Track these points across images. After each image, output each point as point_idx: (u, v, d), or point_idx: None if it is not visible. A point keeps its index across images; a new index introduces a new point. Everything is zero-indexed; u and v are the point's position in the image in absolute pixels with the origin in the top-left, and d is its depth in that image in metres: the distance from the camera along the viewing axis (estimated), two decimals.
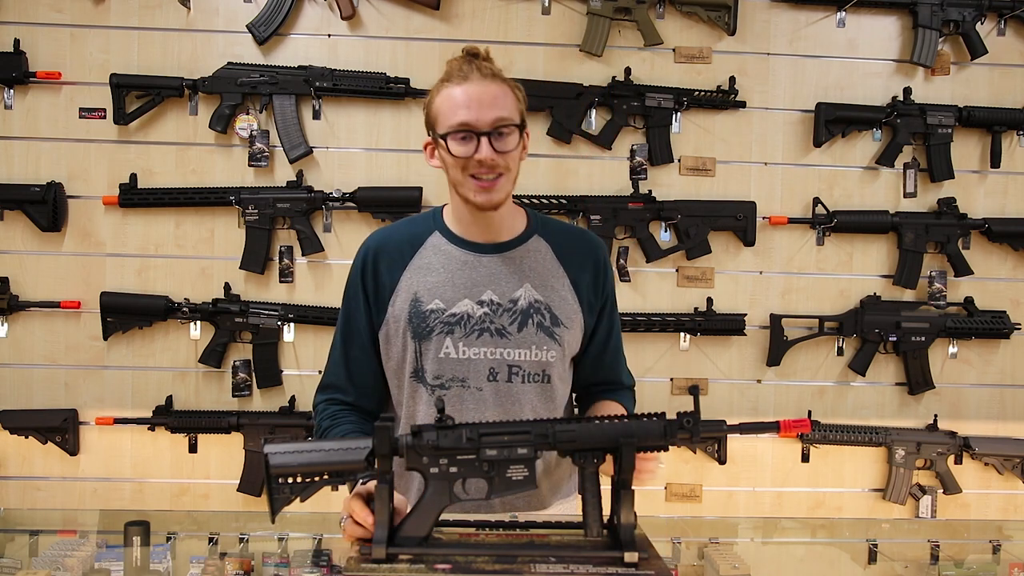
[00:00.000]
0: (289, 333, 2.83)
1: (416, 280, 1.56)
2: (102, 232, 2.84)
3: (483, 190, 1.47)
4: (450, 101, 1.46)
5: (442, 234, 1.59)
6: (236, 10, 2.83)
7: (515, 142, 1.48)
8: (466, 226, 1.57)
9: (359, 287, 1.59)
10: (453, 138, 1.45)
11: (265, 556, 1.70)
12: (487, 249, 1.57)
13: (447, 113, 1.46)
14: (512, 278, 1.56)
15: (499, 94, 1.46)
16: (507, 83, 1.49)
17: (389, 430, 1.18)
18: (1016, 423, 3.01)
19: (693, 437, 1.21)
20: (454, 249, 1.57)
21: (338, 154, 2.88)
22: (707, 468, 2.96)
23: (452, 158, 1.47)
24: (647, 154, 2.91)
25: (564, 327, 1.56)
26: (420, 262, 1.57)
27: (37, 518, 2.36)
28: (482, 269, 1.56)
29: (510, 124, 1.46)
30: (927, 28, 2.89)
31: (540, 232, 1.61)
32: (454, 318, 1.53)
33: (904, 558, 1.88)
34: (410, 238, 1.59)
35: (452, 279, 1.55)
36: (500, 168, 1.47)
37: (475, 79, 1.45)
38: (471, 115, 1.44)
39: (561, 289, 1.58)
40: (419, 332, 1.53)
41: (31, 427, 2.79)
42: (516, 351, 1.53)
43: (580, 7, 2.88)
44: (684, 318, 2.88)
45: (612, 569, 1.17)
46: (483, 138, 1.44)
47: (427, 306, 1.54)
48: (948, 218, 2.93)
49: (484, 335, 1.53)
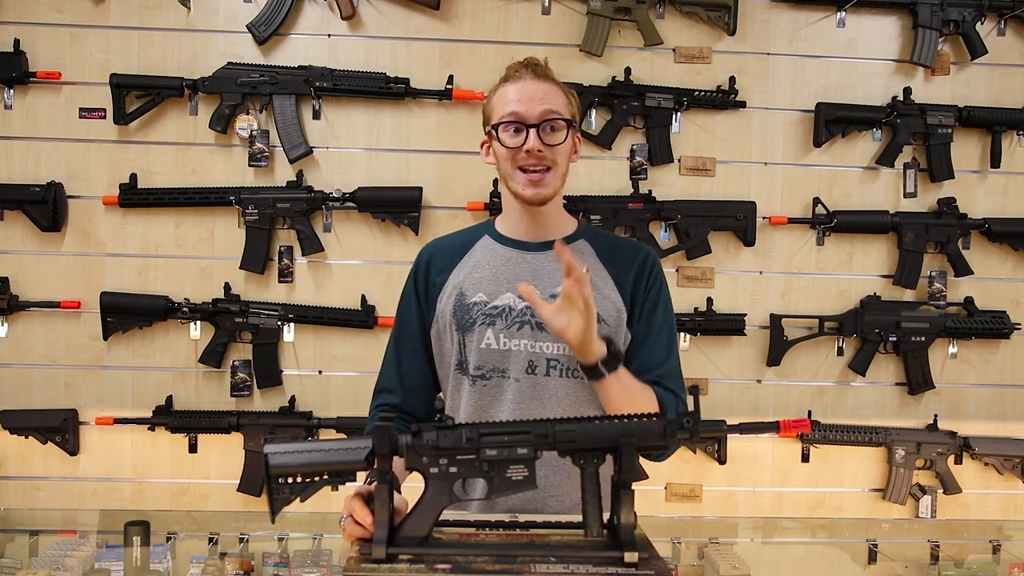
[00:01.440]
0: (289, 333, 2.83)
1: (463, 276, 1.60)
2: (102, 232, 2.84)
3: (531, 183, 1.53)
4: (503, 97, 1.54)
5: (491, 236, 1.65)
6: (236, 10, 2.83)
7: (564, 137, 1.53)
8: (514, 224, 1.62)
9: (412, 290, 1.65)
10: (504, 129, 1.52)
11: (265, 556, 1.71)
12: (533, 247, 1.61)
13: (499, 107, 1.54)
14: (555, 274, 1.55)
15: (549, 91, 1.54)
16: (560, 85, 1.57)
17: (389, 430, 1.18)
18: (1016, 423, 3.01)
19: (693, 437, 1.21)
20: (500, 247, 1.62)
21: (338, 154, 2.88)
22: (707, 468, 2.96)
23: (503, 149, 1.53)
24: (647, 154, 2.91)
25: (605, 324, 1.55)
26: (468, 261, 1.62)
27: (37, 518, 2.37)
28: (525, 265, 1.59)
29: (559, 118, 1.52)
30: (927, 28, 2.89)
31: (587, 238, 1.65)
32: (496, 310, 1.56)
33: (904, 558, 1.89)
34: (463, 242, 1.66)
35: (496, 274, 1.59)
36: (547, 161, 1.52)
37: (528, 78, 1.54)
38: (521, 107, 1.51)
39: (604, 288, 1.58)
40: (463, 324, 1.57)
41: (31, 427, 2.79)
42: (555, 345, 1.54)
43: (580, 7, 2.88)
44: (684, 318, 2.88)
45: (612, 569, 1.17)
46: (532, 129, 1.50)
47: (471, 299, 1.58)
48: (948, 218, 2.93)
49: (524, 327, 1.55)
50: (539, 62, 1.57)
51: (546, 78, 1.55)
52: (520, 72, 1.55)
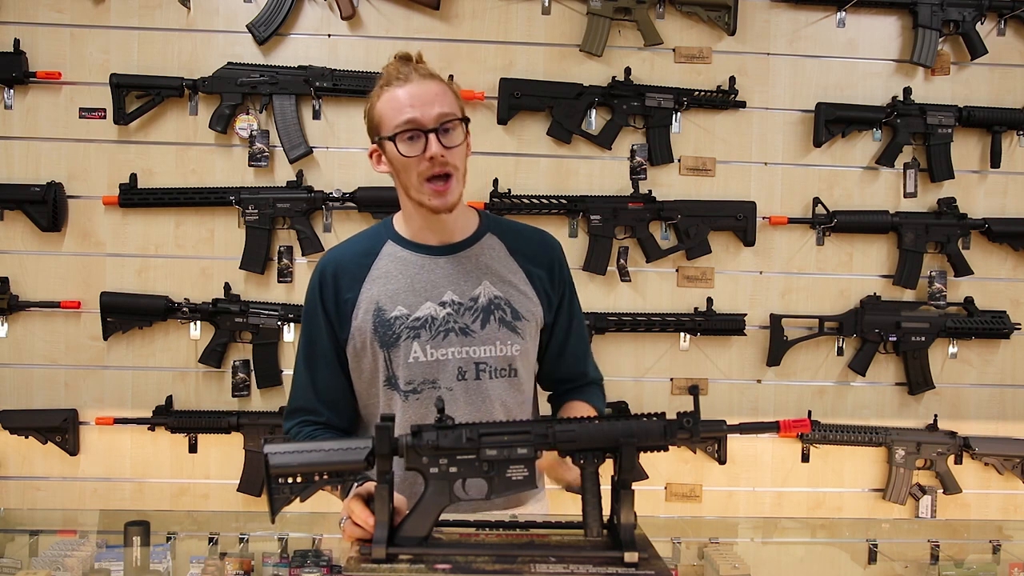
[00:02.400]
0: (289, 333, 2.83)
1: (376, 290, 1.56)
2: (102, 232, 2.84)
3: (438, 194, 1.48)
4: (394, 102, 1.47)
5: (395, 242, 1.59)
6: (236, 10, 2.83)
7: (461, 138, 1.49)
8: (417, 230, 1.58)
9: (318, 307, 1.58)
10: (401, 138, 1.46)
11: (265, 556, 1.71)
12: (442, 251, 1.58)
13: (392, 115, 1.47)
14: (470, 277, 1.56)
15: (439, 91, 1.48)
16: (444, 81, 1.52)
17: (389, 430, 1.18)
18: (1016, 423, 3.01)
19: (693, 437, 1.21)
20: (409, 254, 1.57)
21: (338, 154, 2.88)
22: (707, 468, 2.96)
23: (403, 159, 1.47)
24: (647, 154, 2.91)
25: (525, 320, 1.58)
26: (377, 272, 1.57)
27: (37, 518, 2.36)
28: (439, 271, 1.56)
29: (454, 118, 1.47)
30: (927, 28, 2.89)
31: (492, 230, 1.63)
32: (419, 322, 1.54)
33: (904, 558, 1.89)
34: (364, 251, 1.60)
35: (412, 284, 1.55)
36: (449, 166, 1.47)
37: (415, 79, 1.47)
38: (416, 113, 1.45)
39: (519, 283, 1.59)
40: (386, 340, 1.54)
41: (31, 427, 2.79)
42: (482, 348, 1.54)
43: (580, 7, 2.88)
44: (684, 318, 2.88)
45: (612, 569, 1.17)
46: (431, 135, 1.45)
47: (391, 313, 1.54)
48: (948, 218, 2.93)
49: (450, 335, 1.54)
50: (414, 57, 1.51)
51: (431, 76, 1.49)
52: (404, 72, 1.48)
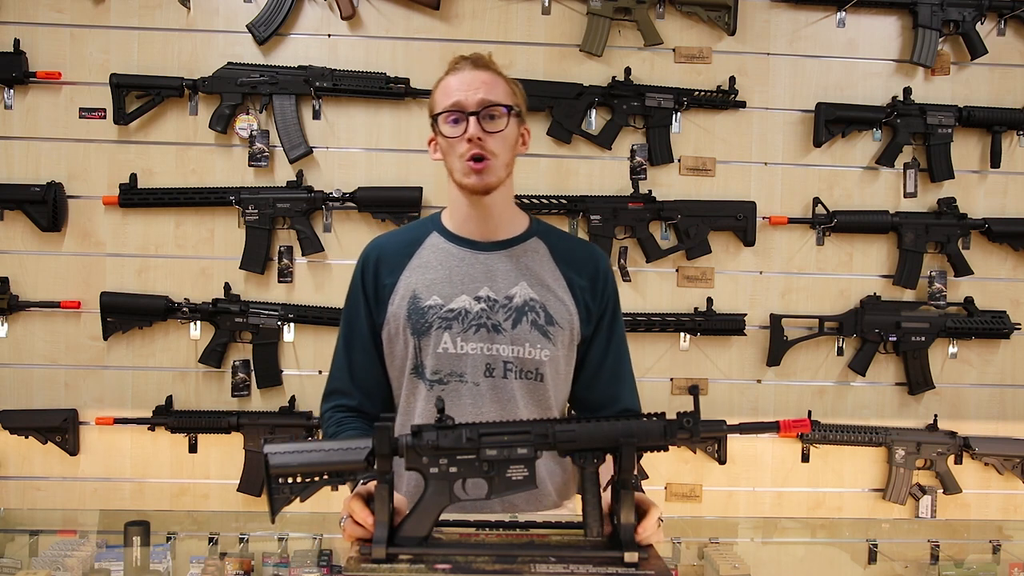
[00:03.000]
0: (289, 333, 2.83)
1: (415, 278, 1.58)
2: (102, 232, 2.84)
3: (473, 171, 1.50)
4: (445, 88, 1.54)
5: (440, 233, 1.62)
6: (236, 10, 2.83)
7: (504, 125, 1.51)
8: (462, 221, 1.60)
9: (359, 291, 1.62)
10: (445, 119, 1.51)
11: (265, 556, 1.71)
12: (485, 247, 1.59)
13: (441, 98, 1.54)
14: (508, 275, 1.57)
15: (489, 80, 1.53)
16: (502, 75, 1.56)
17: (389, 430, 1.18)
18: (1016, 423, 3.01)
19: (693, 437, 1.21)
20: (452, 247, 1.60)
21: (338, 154, 2.88)
22: (707, 468, 2.96)
23: (446, 140, 1.52)
24: (647, 154, 2.91)
25: (558, 326, 1.57)
26: (419, 261, 1.60)
27: (37, 518, 2.36)
28: (479, 266, 1.58)
29: (497, 105, 1.50)
30: (927, 28, 2.89)
31: (540, 235, 1.64)
32: (452, 313, 1.55)
33: (904, 558, 1.89)
34: (409, 240, 1.63)
35: (449, 275, 1.57)
36: (488, 151, 1.50)
37: (467, 68, 1.54)
38: (460, 95, 1.50)
39: (557, 289, 1.59)
40: (418, 328, 1.55)
41: (31, 427, 2.79)
42: (510, 347, 1.55)
43: (580, 7, 2.88)
44: (684, 318, 2.88)
45: (612, 569, 1.17)
46: (471, 117, 1.49)
47: (425, 302, 1.56)
48: (948, 218, 2.93)
49: (480, 330, 1.54)
50: (481, 55, 1.57)
51: (486, 68, 1.54)
52: (461, 64, 1.55)
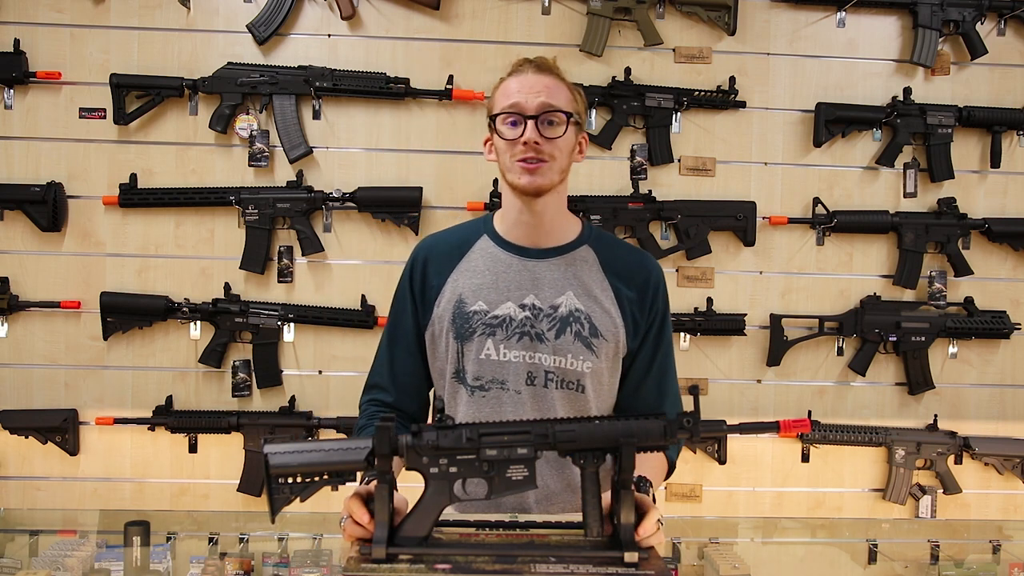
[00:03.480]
0: (289, 333, 2.83)
1: (462, 282, 1.57)
2: (102, 232, 2.84)
3: (527, 171, 1.49)
4: (505, 90, 1.53)
5: (490, 238, 1.60)
6: (236, 10, 2.83)
7: (563, 131, 1.51)
8: (513, 225, 1.58)
9: (407, 289, 1.62)
10: (503, 120, 1.51)
11: (265, 556, 1.71)
12: (533, 254, 1.57)
13: (500, 99, 1.53)
14: (555, 284, 1.55)
15: (551, 84, 1.52)
16: (564, 80, 1.55)
17: (389, 430, 1.18)
18: (1016, 423, 3.01)
19: (693, 437, 1.21)
20: (500, 252, 1.58)
21: (338, 154, 2.88)
22: (707, 468, 2.96)
23: (502, 141, 1.51)
24: (647, 154, 2.91)
25: (603, 339, 1.55)
26: (467, 265, 1.59)
27: (37, 518, 2.37)
28: (526, 273, 1.56)
29: (557, 111, 1.50)
30: (927, 28, 2.89)
31: (591, 243, 1.61)
32: (496, 320, 1.54)
33: (904, 558, 1.89)
34: (459, 242, 1.62)
35: (496, 281, 1.56)
36: (545, 154, 1.49)
37: (530, 72, 1.53)
38: (520, 98, 1.50)
39: (604, 300, 1.56)
40: (461, 333, 1.55)
41: (31, 427, 2.79)
42: (552, 357, 1.53)
43: (580, 7, 2.88)
44: (684, 318, 2.88)
45: (612, 569, 1.17)
46: (530, 121, 1.48)
47: (471, 307, 1.55)
48: (948, 218, 2.93)
49: (524, 339, 1.53)
50: (546, 59, 1.56)
51: (549, 72, 1.53)
52: (524, 67, 1.54)
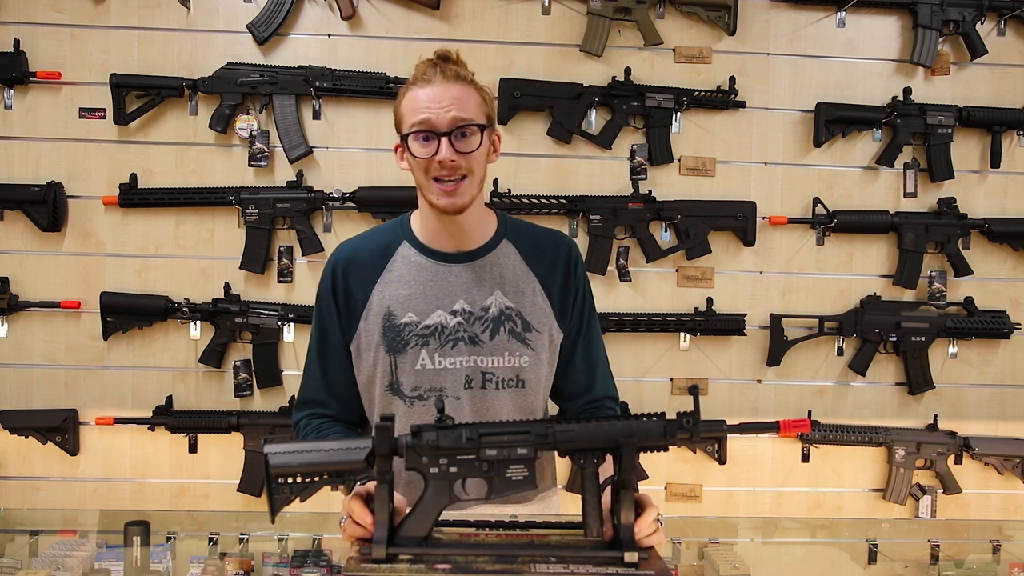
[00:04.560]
0: (289, 333, 2.83)
1: (388, 293, 1.55)
2: (102, 232, 2.84)
3: (446, 193, 1.47)
4: (413, 103, 1.46)
5: (411, 244, 1.58)
6: (236, 10, 2.83)
7: (477, 143, 1.46)
8: (433, 234, 1.56)
9: (331, 301, 1.59)
10: (414, 138, 1.46)
11: (265, 556, 1.71)
12: (456, 259, 1.56)
13: (409, 114, 1.47)
14: (482, 287, 1.55)
15: (460, 95, 1.45)
16: (472, 85, 1.49)
17: (389, 430, 1.18)
18: (1016, 423, 3.01)
19: (693, 437, 1.21)
20: (424, 260, 1.56)
21: (338, 154, 2.88)
22: (707, 468, 2.96)
23: (414, 159, 1.47)
24: (647, 154, 2.91)
25: (536, 331, 1.56)
26: (391, 275, 1.56)
27: (37, 518, 2.36)
28: (452, 279, 1.55)
29: (470, 124, 1.45)
30: (927, 28, 2.89)
31: (509, 236, 1.60)
32: (428, 330, 1.53)
33: (904, 558, 1.88)
34: (379, 250, 1.59)
35: (424, 291, 1.54)
36: (462, 170, 1.46)
37: (438, 81, 1.46)
38: (431, 115, 1.44)
39: (531, 294, 1.57)
40: (393, 346, 1.53)
41: (31, 427, 2.79)
42: (490, 358, 1.54)
43: (580, 7, 2.88)
44: (684, 318, 2.88)
45: (612, 569, 1.17)
46: (443, 138, 1.44)
47: (400, 320, 1.54)
48: (948, 218, 2.93)
49: (459, 344, 1.53)
50: (450, 55, 1.49)
51: (457, 78, 1.46)
52: (428, 74, 1.47)
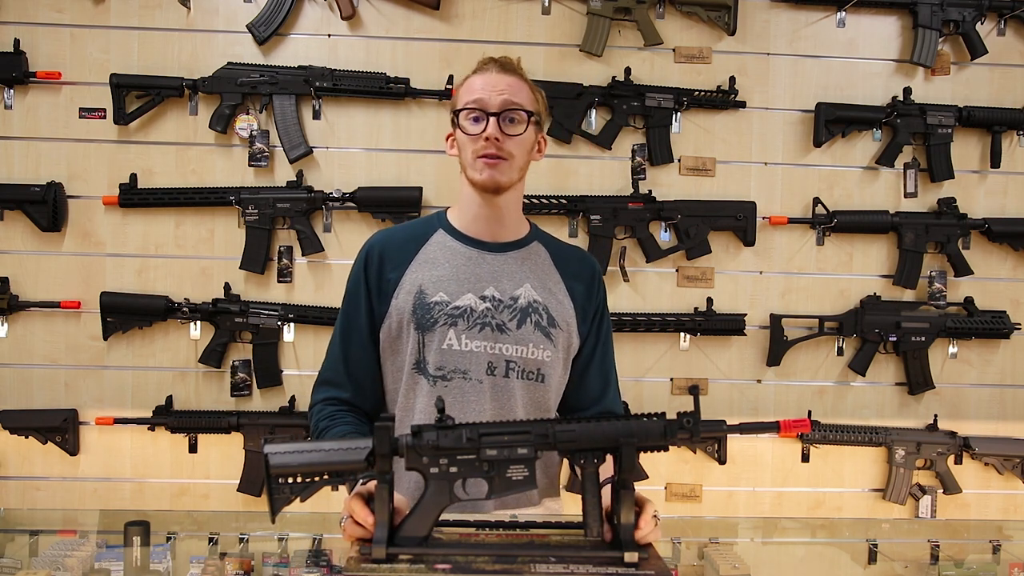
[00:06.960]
0: (289, 333, 2.83)
1: (421, 273, 1.59)
2: (102, 232, 2.84)
3: (487, 167, 1.53)
4: (469, 87, 1.57)
5: (446, 231, 1.63)
6: (236, 10, 2.83)
7: (524, 129, 1.54)
8: (471, 220, 1.61)
9: (361, 283, 1.62)
10: (466, 116, 1.54)
11: (265, 556, 1.71)
12: (491, 247, 1.61)
13: (463, 96, 1.57)
14: (514, 276, 1.59)
15: (513, 84, 1.55)
16: (527, 81, 1.59)
17: (389, 430, 1.18)
18: (1016, 423, 3.01)
19: (693, 437, 1.21)
20: (459, 245, 1.61)
21: (338, 154, 2.88)
22: (707, 468, 2.96)
23: (464, 136, 1.55)
24: (647, 154, 2.91)
25: (560, 329, 1.60)
26: (425, 256, 1.61)
27: (37, 518, 2.36)
28: (485, 266, 1.59)
29: (519, 109, 1.53)
30: (927, 28, 2.89)
31: (540, 240, 1.67)
32: (457, 311, 1.56)
33: (904, 558, 1.89)
34: (414, 236, 1.64)
35: (456, 273, 1.58)
36: (505, 151, 1.53)
37: (495, 71, 1.56)
38: (483, 95, 1.53)
39: (558, 293, 1.62)
40: (423, 323, 1.56)
41: (31, 427, 2.79)
42: (514, 347, 1.56)
43: (580, 7, 2.88)
44: (684, 318, 2.88)
45: (612, 569, 1.17)
46: (492, 118, 1.52)
47: (432, 298, 1.57)
48: (948, 218, 2.93)
49: (485, 329, 1.56)
50: (510, 59, 1.59)
51: (513, 72, 1.57)
52: (488, 65, 1.57)
